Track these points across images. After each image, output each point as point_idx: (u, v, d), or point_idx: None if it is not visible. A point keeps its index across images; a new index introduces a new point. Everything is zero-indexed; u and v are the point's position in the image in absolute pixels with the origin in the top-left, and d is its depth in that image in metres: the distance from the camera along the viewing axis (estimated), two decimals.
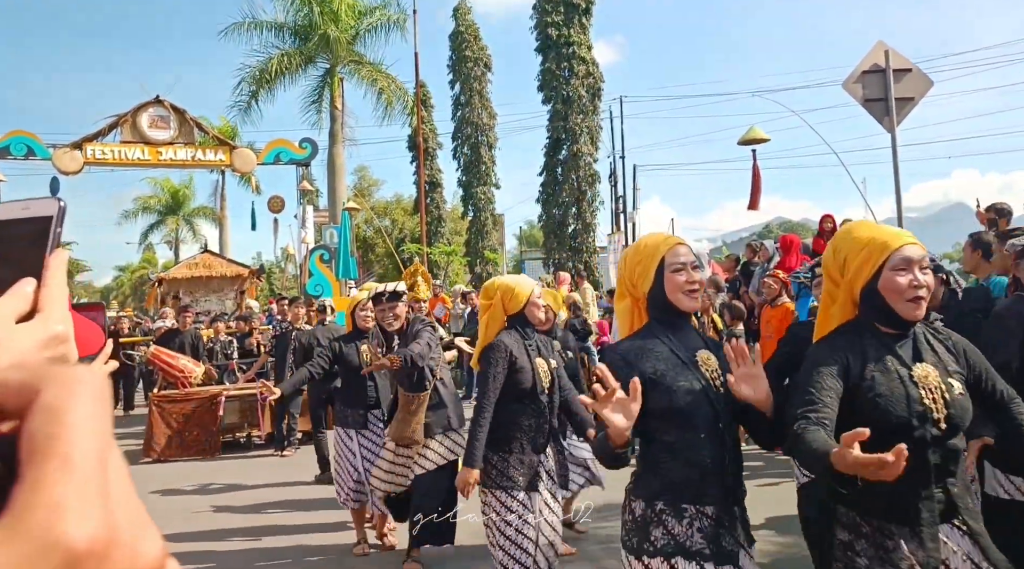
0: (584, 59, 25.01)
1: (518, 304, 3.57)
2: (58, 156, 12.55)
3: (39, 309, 0.56)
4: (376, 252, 31.51)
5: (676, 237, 2.30)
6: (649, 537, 2.05)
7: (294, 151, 14.61)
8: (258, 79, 20.84)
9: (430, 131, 29.12)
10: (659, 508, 2.07)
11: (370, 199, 35.63)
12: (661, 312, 2.23)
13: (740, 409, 2.13)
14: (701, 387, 2.10)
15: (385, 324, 4.64)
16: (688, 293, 2.19)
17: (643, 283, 2.23)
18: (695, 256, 2.23)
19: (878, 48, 7.49)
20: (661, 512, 2.06)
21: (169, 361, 9.30)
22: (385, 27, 21.78)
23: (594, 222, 25.49)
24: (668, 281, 2.19)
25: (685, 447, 2.06)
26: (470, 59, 28.70)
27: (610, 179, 23.94)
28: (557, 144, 25.34)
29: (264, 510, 6.45)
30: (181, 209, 39.81)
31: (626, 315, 2.30)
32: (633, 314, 2.29)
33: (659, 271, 2.20)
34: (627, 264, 2.29)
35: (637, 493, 2.14)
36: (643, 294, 2.24)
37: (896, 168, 7.52)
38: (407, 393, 4.42)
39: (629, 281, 2.28)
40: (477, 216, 28.97)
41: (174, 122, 13.18)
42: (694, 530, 2.03)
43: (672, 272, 2.19)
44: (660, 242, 2.25)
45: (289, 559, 5.13)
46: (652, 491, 2.10)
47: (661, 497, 2.07)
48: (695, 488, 2.06)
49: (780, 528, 5.00)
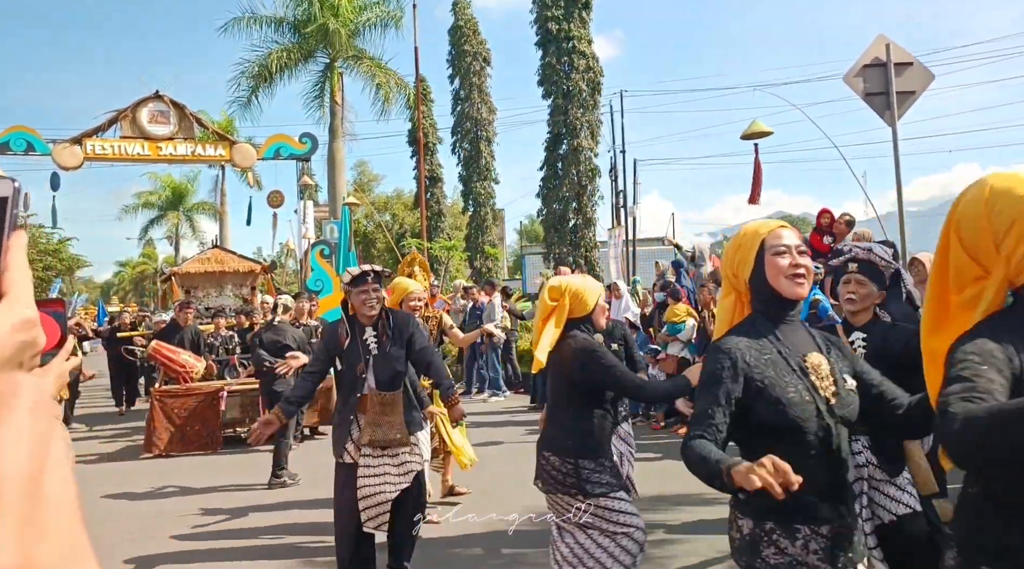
0: (584, 53, 24.95)
1: (586, 308, 3.45)
2: (58, 151, 12.53)
3: (4, 292, 0.55)
4: (377, 247, 31.48)
5: (779, 221, 2.17)
6: (760, 555, 1.92)
7: (294, 146, 14.59)
8: (257, 74, 20.82)
9: (430, 126, 29.07)
10: (768, 528, 1.92)
11: (370, 194, 35.62)
12: (765, 302, 2.08)
13: (868, 407, 2.01)
14: (811, 399, 1.92)
15: (366, 308, 4.15)
16: (792, 278, 2.04)
17: (743, 270, 2.10)
18: (800, 241, 2.09)
19: (879, 42, 7.47)
20: (771, 531, 1.91)
21: (170, 356, 9.31)
22: (384, 22, 21.75)
23: (594, 217, 25.46)
24: (769, 265, 2.05)
25: (795, 464, 1.79)
26: (469, 54, 28.64)
27: (610, 174, 23.91)
28: (557, 139, 25.30)
29: (265, 506, 6.46)
30: (181, 204, 39.82)
31: (727, 312, 2.15)
32: (735, 311, 2.14)
33: (760, 256, 2.07)
34: (728, 254, 2.17)
35: (744, 511, 1.97)
36: (744, 282, 2.10)
37: (897, 162, 7.51)
38: (382, 393, 4.17)
39: (731, 271, 2.15)
40: (477, 211, 28.93)
41: (174, 117, 13.15)
42: (809, 552, 1.89)
43: (773, 255, 2.05)
44: (760, 226, 2.13)
45: (290, 556, 5.14)
46: (760, 510, 1.92)
47: (770, 517, 1.91)
48: (807, 509, 1.89)
49: None
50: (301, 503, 6.43)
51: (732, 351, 1.97)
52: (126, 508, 6.65)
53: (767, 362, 1.96)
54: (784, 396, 1.90)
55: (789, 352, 2.00)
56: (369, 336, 4.21)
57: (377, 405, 4.15)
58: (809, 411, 1.90)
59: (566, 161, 25.22)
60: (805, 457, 1.86)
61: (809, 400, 1.91)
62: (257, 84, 20.91)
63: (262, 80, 20.87)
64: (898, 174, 7.52)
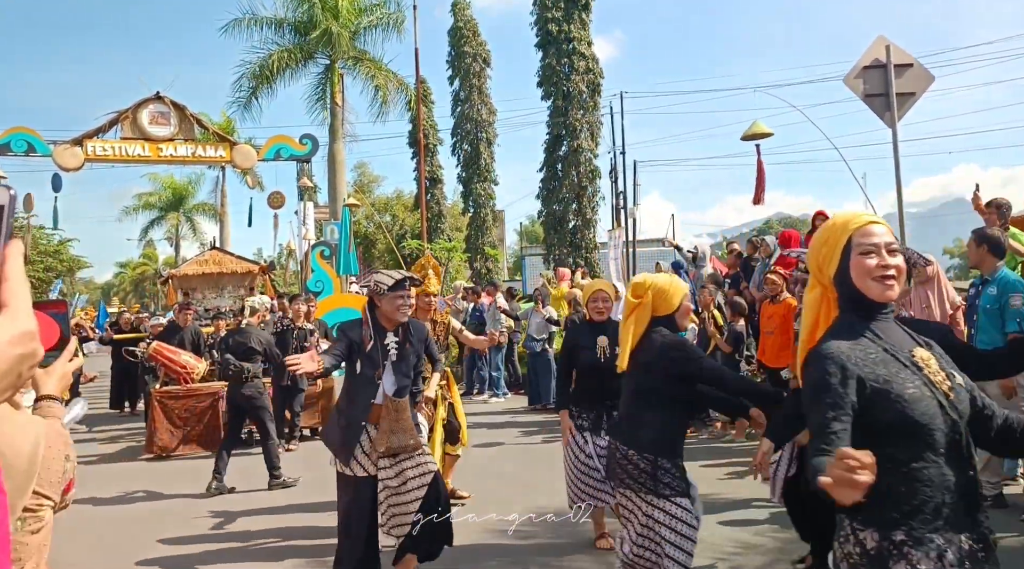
0: (584, 55, 24.96)
1: (670, 307, 3.42)
2: (59, 152, 12.53)
3: (3, 303, 0.55)
4: (377, 248, 31.48)
5: (869, 214, 1.97)
6: None
7: (294, 147, 14.60)
8: (258, 75, 20.84)
9: (431, 127, 29.08)
10: (898, 539, 1.71)
11: (371, 195, 35.62)
12: (852, 302, 1.91)
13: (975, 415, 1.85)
14: (931, 394, 1.76)
15: (399, 314, 4.08)
16: (880, 280, 1.87)
17: (828, 267, 1.94)
18: (892, 238, 1.93)
19: (879, 43, 7.48)
20: (902, 544, 1.71)
21: (171, 357, 9.31)
22: (385, 25, 21.78)
23: (594, 218, 25.46)
24: (856, 265, 1.88)
25: (923, 466, 1.72)
26: (469, 55, 28.65)
27: (610, 175, 23.91)
28: (557, 140, 25.30)
29: (266, 507, 6.46)
30: (182, 205, 39.83)
31: (812, 308, 1.98)
32: (821, 306, 1.97)
33: (846, 253, 1.91)
34: (814, 246, 2.00)
35: (866, 521, 1.76)
36: (829, 279, 1.94)
37: (897, 163, 7.52)
38: (396, 400, 4.08)
39: (816, 266, 1.98)
40: (477, 212, 28.94)
41: (174, 118, 13.16)
42: (945, 564, 1.68)
43: (860, 255, 1.88)
44: (850, 219, 1.94)
45: (291, 557, 5.14)
46: (887, 519, 1.73)
47: (900, 526, 1.71)
48: (940, 515, 1.71)
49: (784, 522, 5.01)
50: (304, 505, 6.43)
51: (836, 354, 1.79)
52: (126, 509, 6.65)
53: (875, 360, 1.80)
54: (904, 393, 1.74)
55: (895, 348, 1.84)
56: (390, 341, 4.11)
57: (392, 412, 4.04)
58: (932, 407, 1.74)
59: (566, 162, 25.22)
60: (935, 457, 1.72)
61: (930, 395, 1.76)
62: (257, 85, 20.94)
63: (262, 81, 20.90)
64: (898, 175, 7.53)
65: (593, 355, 4.67)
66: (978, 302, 5.26)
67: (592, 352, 4.68)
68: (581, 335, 4.84)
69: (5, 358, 0.52)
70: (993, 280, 5.15)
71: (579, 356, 4.74)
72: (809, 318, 1.97)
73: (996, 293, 5.09)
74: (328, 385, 9.24)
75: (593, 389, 4.73)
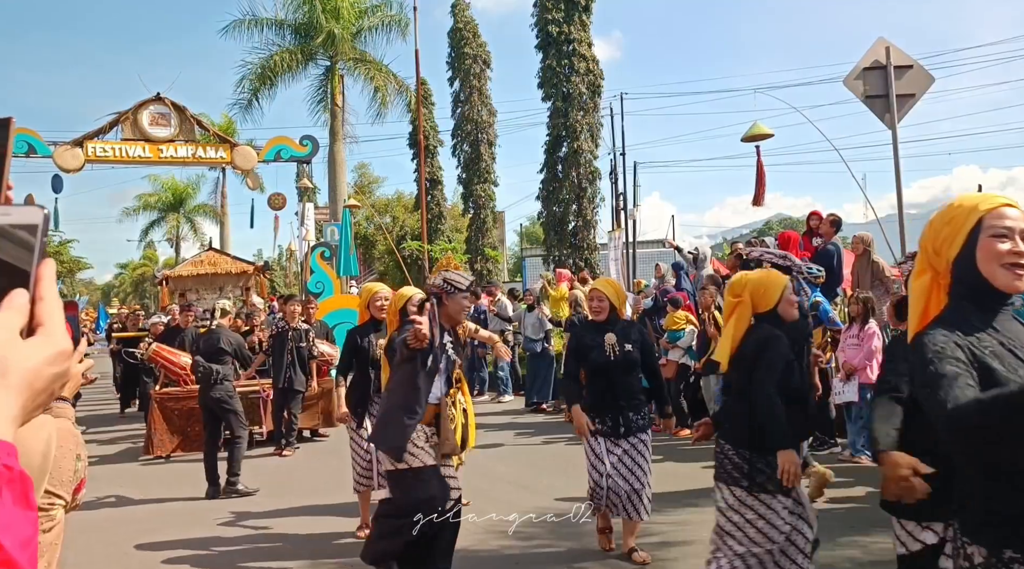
0: (584, 56, 24.97)
1: (770, 302, 3.40)
2: (59, 154, 12.53)
3: (39, 323, 0.57)
4: (377, 249, 31.48)
5: (1004, 196, 1.78)
6: None
7: (295, 148, 14.60)
8: (259, 76, 20.86)
9: (431, 128, 29.08)
10: (1007, 556, 1.57)
11: (371, 196, 35.64)
12: (969, 290, 1.73)
13: None
14: None
15: (462, 315, 4.14)
16: (1011, 268, 1.67)
17: (949, 249, 1.75)
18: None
19: (879, 45, 7.49)
20: (1011, 561, 1.57)
21: (170, 358, 9.31)
22: (386, 26, 21.80)
23: (595, 219, 25.46)
24: (984, 248, 1.70)
25: None
26: (469, 56, 28.65)
27: (611, 176, 23.92)
28: (557, 141, 25.31)
29: (266, 509, 6.45)
30: (182, 206, 39.84)
31: (921, 296, 1.80)
32: (930, 294, 1.79)
33: (973, 235, 1.72)
34: (932, 226, 1.82)
35: (973, 536, 1.64)
36: (947, 263, 1.76)
37: (897, 164, 7.52)
38: (446, 400, 4.00)
39: (932, 249, 1.80)
40: (477, 213, 28.94)
41: (175, 119, 13.16)
42: None
43: (991, 237, 1.69)
44: (981, 200, 1.76)
45: (293, 558, 5.13)
46: (998, 534, 1.59)
47: (1010, 542, 1.57)
48: None
49: None
50: (306, 508, 6.43)
51: (945, 341, 1.64)
52: (126, 510, 6.64)
53: (990, 354, 1.63)
54: None
55: (1013, 343, 1.67)
56: (447, 341, 4.06)
57: (447, 411, 4.00)
58: None
59: (566, 163, 25.22)
60: None
61: None
62: (258, 86, 20.96)
63: (263, 82, 20.92)
64: (898, 176, 7.53)
65: (603, 353, 4.65)
66: None
67: (601, 350, 4.66)
68: (587, 334, 4.80)
69: (42, 377, 0.56)
70: None
71: (588, 355, 4.70)
72: (918, 307, 1.80)
73: None
74: (328, 387, 9.23)
75: (604, 390, 4.68)
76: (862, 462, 6.81)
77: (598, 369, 4.67)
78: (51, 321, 0.58)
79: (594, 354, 4.67)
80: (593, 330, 4.78)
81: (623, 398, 4.60)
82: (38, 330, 0.57)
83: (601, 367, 4.66)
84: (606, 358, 4.64)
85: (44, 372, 0.56)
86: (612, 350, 4.63)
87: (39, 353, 0.56)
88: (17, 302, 0.56)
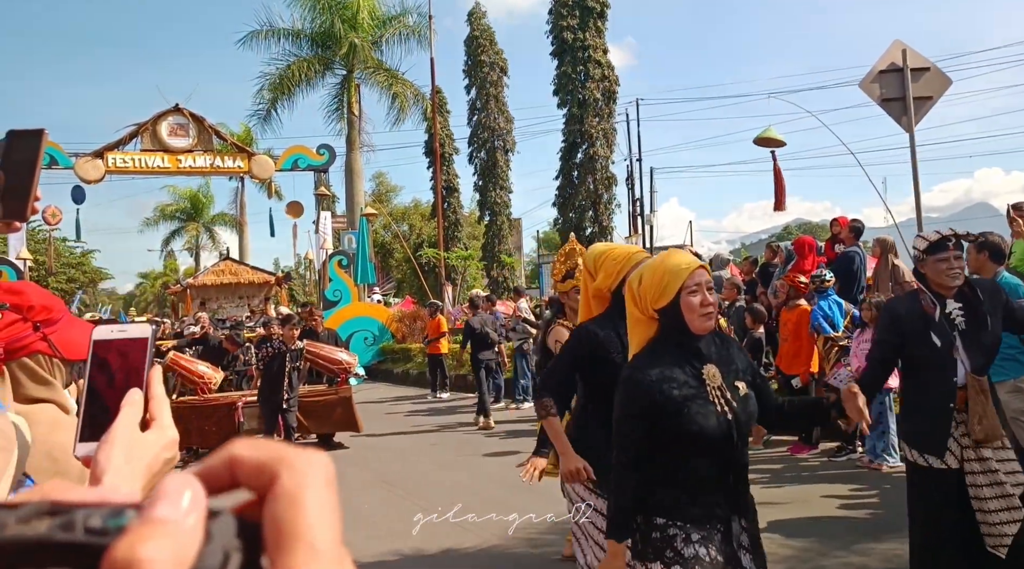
0: (599, 62, 25.00)
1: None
2: (80, 165, 12.72)
3: (152, 417, 0.71)
4: (394, 257, 31.62)
5: None
6: None
7: (312, 157, 14.73)
8: (277, 86, 21.06)
9: (447, 136, 29.21)
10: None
11: (388, 205, 35.83)
12: None
13: None
14: None
15: (947, 278, 3.44)
16: None
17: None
18: None
19: (895, 47, 7.43)
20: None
21: (188, 367, 9.38)
22: (405, 36, 21.95)
23: (611, 225, 25.45)
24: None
25: None
26: (486, 64, 28.76)
27: (627, 182, 23.91)
28: (573, 147, 25.33)
29: None
30: (201, 216, 40.25)
31: None
32: None
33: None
34: None
35: None
36: None
37: (915, 167, 7.46)
38: (979, 378, 3.44)
39: None
40: (493, 220, 29.00)
41: (193, 130, 13.33)
42: None
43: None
44: None
45: None
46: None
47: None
48: None
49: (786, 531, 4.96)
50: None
51: None
52: None
53: None
54: None
55: None
56: (952, 309, 3.51)
57: (979, 394, 3.44)
58: None
59: (582, 169, 25.24)
60: None
61: None
62: (276, 97, 21.16)
63: (281, 92, 21.11)
64: (916, 180, 7.46)
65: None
66: None
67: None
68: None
69: (159, 462, 0.69)
70: None
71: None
72: None
73: None
74: (346, 394, 9.22)
75: None
76: (881, 469, 6.74)
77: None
78: (162, 415, 0.72)
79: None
80: None
81: None
82: (152, 423, 0.71)
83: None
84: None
85: (160, 458, 0.69)
86: None
87: (156, 443, 0.70)
88: (136, 399, 0.68)
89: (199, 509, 0.32)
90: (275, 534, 0.33)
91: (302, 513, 0.33)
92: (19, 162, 1.17)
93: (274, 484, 0.34)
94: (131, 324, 0.75)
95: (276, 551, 0.32)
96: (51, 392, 1.36)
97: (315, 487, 0.34)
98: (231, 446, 0.36)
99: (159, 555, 0.29)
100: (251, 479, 0.35)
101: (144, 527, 0.30)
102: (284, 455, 0.35)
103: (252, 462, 0.35)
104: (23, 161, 1.17)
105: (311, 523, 0.33)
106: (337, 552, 0.34)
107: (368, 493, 6.85)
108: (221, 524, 0.32)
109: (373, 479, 7.42)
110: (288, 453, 0.35)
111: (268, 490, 0.34)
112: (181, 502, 0.32)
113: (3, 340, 1.31)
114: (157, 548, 0.29)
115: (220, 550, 0.31)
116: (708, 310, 2.20)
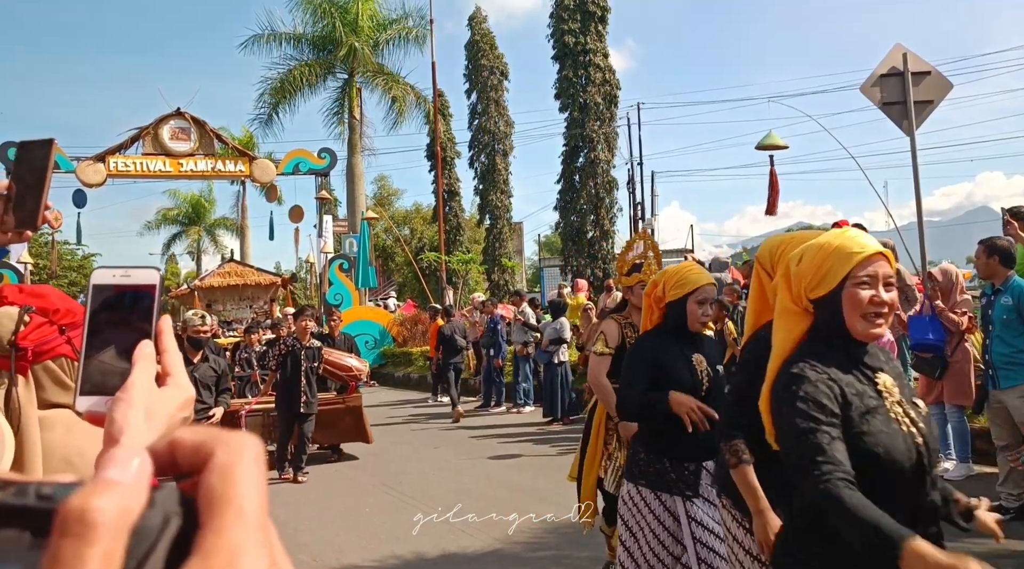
0: (600, 66, 25.02)
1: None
2: (82, 168, 12.74)
3: (167, 373, 0.66)
4: (395, 261, 31.62)
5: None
6: None
7: (313, 161, 14.75)
8: (279, 90, 21.11)
9: (448, 140, 29.22)
10: None
11: (390, 208, 35.84)
12: None
13: None
14: None
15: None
16: None
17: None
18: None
19: (896, 51, 7.44)
20: None
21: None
22: (405, 39, 22.00)
23: (612, 229, 25.44)
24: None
25: None
26: (486, 68, 28.78)
27: (628, 186, 23.92)
28: (574, 151, 25.34)
29: (292, 532, 6.46)
30: (202, 220, 40.27)
31: None
32: None
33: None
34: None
35: None
36: None
37: (916, 171, 7.46)
38: None
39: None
40: (494, 224, 29.01)
41: (194, 134, 13.35)
42: None
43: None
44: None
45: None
46: None
47: None
48: None
49: None
50: (316, 517, 6.43)
51: None
52: None
53: None
54: None
55: None
56: None
57: None
58: None
59: (583, 173, 25.25)
60: None
61: None
62: (278, 100, 21.20)
63: (282, 96, 21.15)
64: (917, 183, 7.47)
65: None
66: (991, 312, 5.21)
67: None
68: None
69: (175, 423, 0.63)
70: (1006, 289, 5.12)
71: None
72: None
73: (1012, 303, 5.06)
74: (355, 403, 8.93)
75: None
76: None
77: None
78: (176, 371, 0.67)
79: None
80: None
81: None
82: (167, 380, 0.65)
83: None
84: None
85: (177, 416, 0.65)
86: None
87: (173, 400, 0.65)
88: (147, 352, 0.63)
89: (146, 475, 0.37)
90: (208, 499, 0.37)
91: (232, 482, 0.37)
92: (30, 172, 1.20)
93: (209, 460, 0.38)
94: (136, 268, 0.67)
95: (208, 513, 0.36)
96: (69, 396, 1.35)
97: (245, 462, 0.39)
98: (173, 432, 0.41)
99: (108, 506, 0.33)
100: (190, 458, 0.40)
101: (96, 484, 0.34)
102: (219, 435, 0.40)
103: (190, 443, 0.40)
104: (33, 171, 1.20)
105: (240, 491, 0.37)
106: (262, 517, 0.38)
107: (369, 495, 6.85)
108: (165, 493, 0.37)
109: (374, 481, 7.41)
110: (222, 434, 0.40)
111: (204, 467, 0.39)
112: (130, 467, 0.36)
113: (32, 343, 1.32)
114: (107, 500, 0.33)
115: (161, 513, 0.35)
116: (879, 310, 1.68)
